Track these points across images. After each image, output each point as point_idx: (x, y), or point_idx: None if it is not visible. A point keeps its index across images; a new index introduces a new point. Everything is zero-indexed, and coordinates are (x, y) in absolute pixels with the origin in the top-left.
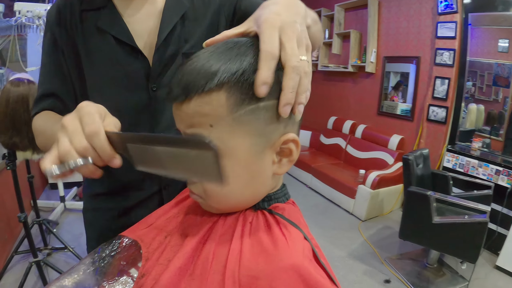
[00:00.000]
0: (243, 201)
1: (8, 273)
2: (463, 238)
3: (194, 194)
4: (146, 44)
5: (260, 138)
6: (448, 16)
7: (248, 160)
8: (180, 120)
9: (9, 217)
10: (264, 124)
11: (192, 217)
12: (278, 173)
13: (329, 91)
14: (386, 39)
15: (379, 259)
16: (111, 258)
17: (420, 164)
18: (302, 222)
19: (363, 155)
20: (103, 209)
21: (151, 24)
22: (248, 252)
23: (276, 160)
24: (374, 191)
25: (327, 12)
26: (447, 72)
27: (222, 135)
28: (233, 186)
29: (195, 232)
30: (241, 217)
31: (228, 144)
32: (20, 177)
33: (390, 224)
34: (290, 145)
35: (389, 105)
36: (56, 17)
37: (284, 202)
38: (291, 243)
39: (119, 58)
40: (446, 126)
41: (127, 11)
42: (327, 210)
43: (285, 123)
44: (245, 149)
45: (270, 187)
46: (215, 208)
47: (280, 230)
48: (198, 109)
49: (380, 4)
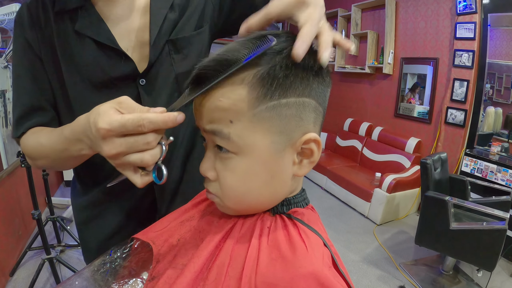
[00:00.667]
0: (262, 202)
1: (21, 268)
2: (481, 245)
3: (210, 194)
4: (132, 43)
5: (281, 136)
6: (467, 17)
7: (268, 158)
8: (200, 116)
9: (24, 213)
10: (285, 122)
11: (208, 221)
12: (298, 175)
13: (345, 92)
14: (404, 40)
15: (393, 264)
16: (122, 260)
17: (438, 168)
18: (322, 228)
19: (379, 157)
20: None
21: (136, 20)
22: (266, 258)
23: (297, 160)
24: (390, 194)
25: (343, 12)
26: (466, 74)
27: (242, 131)
28: (251, 184)
29: (211, 236)
30: (259, 221)
31: (248, 141)
32: (35, 173)
33: (406, 228)
34: (311, 145)
35: (406, 107)
36: (28, 20)
37: (303, 207)
38: (311, 249)
39: (102, 62)
40: (465, 129)
41: (107, 10)
42: (342, 213)
43: (306, 121)
44: (265, 147)
45: (289, 190)
46: (232, 209)
47: (299, 235)
48: (218, 103)
49: (397, 4)
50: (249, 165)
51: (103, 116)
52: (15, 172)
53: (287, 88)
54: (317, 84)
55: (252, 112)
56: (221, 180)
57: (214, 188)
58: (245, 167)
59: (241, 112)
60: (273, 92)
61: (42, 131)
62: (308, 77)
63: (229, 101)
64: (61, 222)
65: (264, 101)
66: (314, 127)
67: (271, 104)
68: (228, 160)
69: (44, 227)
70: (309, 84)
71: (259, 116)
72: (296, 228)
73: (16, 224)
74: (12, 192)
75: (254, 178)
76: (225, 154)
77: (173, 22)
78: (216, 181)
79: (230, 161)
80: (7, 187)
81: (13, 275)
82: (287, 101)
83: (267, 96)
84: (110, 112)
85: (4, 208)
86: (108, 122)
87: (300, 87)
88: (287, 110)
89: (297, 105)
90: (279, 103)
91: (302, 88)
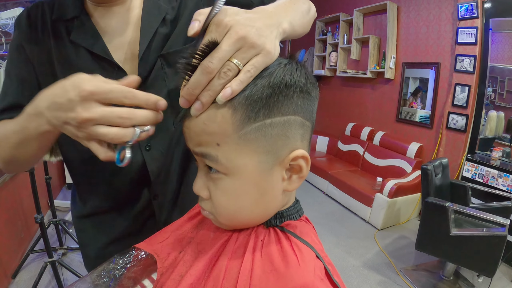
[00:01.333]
0: (254, 218)
1: (23, 271)
2: (481, 251)
3: (205, 211)
4: (126, 55)
5: (268, 155)
6: (468, 22)
7: (256, 177)
8: (189, 139)
9: (26, 215)
10: (271, 141)
11: (205, 233)
12: (289, 190)
13: (347, 97)
14: (405, 45)
15: (394, 269)
16: (125, 269)
17: (439, 173)
18: (315, 240)
19: (380, 162)
20: (95, 229)
21: (129, 33)
22: (259, 271)
23: (286, 176)
24: (391, 199)
25: (345, 17)
26: (468, 79)
27: (229, 153)
28: (242, 203)
29: (207, 249)
30: (253, 234)
31: (236, 163)
32: (38, 176)
33: (407, 233)
34: (299, 162)
35: (408, 112)
36: (25, 24)
37: (296, 219)
38: (302, 262)
39: (95, 72)
40: (466, 134)
41: (102, 21)
42: (343, 218)
43: (293, 139)
44: (253, 167)
45: (281, 204)
46: (225, 225)
47: (291, 248)
48: (204, 127)
49: (399, 9)
50: (239, 185)
51: (89, 80)
52: (18, 175)
53: (271, 108)
54: (302, 100)
55: (238, 134)
56: (213, 199)
57: (207, 206)
58: (235, 187)
59: (227, 134)
60: (257, 113)
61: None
62: (292, 95)
63: (214, 124)
64: (63, 225)
65: (248, 122)
66: (302, 143)
67: (256, 125)
68: (218, 180)
69: (46, 230)
70: (293, 102)
71: (245, 138)
72: (288, 241)
73: (19, 226)
74: (14, 195)
75: (244, 197)
76: (215, 175)
77: (164, 37)
78: (209, 199)
79: (221, 181)
80: (10, 190)
81: (15, 277)
82: (272, 121)
83: (251, 118)
84: (96, 78)
85: (7, 210)
86: (95, 84)
87: (284, 106)
88: (272, 130)
89: (283, 124)
90: (264, 124)
91: (286, 107)
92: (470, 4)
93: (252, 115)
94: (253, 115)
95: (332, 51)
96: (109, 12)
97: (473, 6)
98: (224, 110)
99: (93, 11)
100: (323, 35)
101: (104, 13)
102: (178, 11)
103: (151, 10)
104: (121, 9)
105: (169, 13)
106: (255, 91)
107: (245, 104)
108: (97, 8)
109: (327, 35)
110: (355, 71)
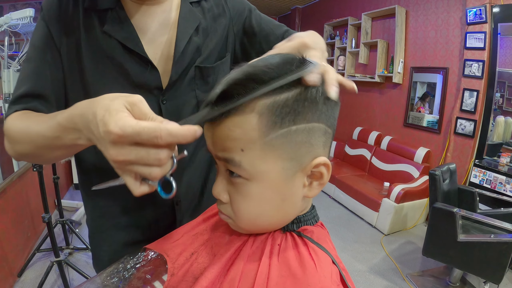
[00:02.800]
0: (273, 223)
1: (29, 269)
2: (488, 258)
3: (223, 215)
4: (158, 55)
5: (292, 162)
6: (477, 26)
7: (279, 183)
8: (212, 143)
9: (33, 215)
10: (296, 148)
11: (220, 235)
12: (309, 196)
13: (355, 101)
14: (414, 49)
15: (400, 275)
16: (135, 269)
17: (447, 179)
18: (330, 246)
19: (388, 167)
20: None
21: (166, 34)
22: (276, 276)
23: (307, 183)
24: (398, 205)
25: (354, 21)
26: (476, 84)
27: (253, 159)
28: (263, 208)
29: (223, 252)
30: (270, 238)
31: (259, 169)
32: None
33: (413, 239)
34: (321, 169)
35: (416, 116)
36: (56, 11)
37: (313, 225)
38: (320, 267)
39: (128, 67)
40: (474, 140)
41: (139, 18)
42: (349, 223)
43: (316, 146)
44: (276, 173)
45: (300, 209)
46: (244, 229)
47: (308, 253)
48: (229, 132)
49: (407, 13)
50: (260, 191)
51: (115, 117)
52: (26, 174)
53: (296, 115)
54: (326, 107)
55: (263, 140)
56: (234, 204)
57: (226, 210)
58: (257, 192)
59: (252, 140)
60: (283, 119)
61: (33, 114)
62: (318, 102)
63: (240, 130)
64: (70, 225)
65: (274, 129)
66: (324, 150)
67: (281, 132)
68: (240, 185)
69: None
70: (318, 109)
71: (270, 144)
72: (305, 246)
73: (25, 225)
74: (22, 194)
75: (265, 203)
76: (237, 179)
77: (196, 45)
78: (228, 203)
79: (242, 186)
80: (17, 189)
81: (21, 276)
82: (297, 128)
83: (277, 124)
84: (123, 114)
85: (14, 209)
86: (121, 126)
87: (309, 113)
88: (297, 136)
89: (307, 131)
90: (289, 131)
91: (311, 114)
92: (479, 8)
93: (278, 121)
94: (279, 121)
95: (340, 55)
96: (147, 10)
97: (482, 11)
98: (251, 116)
99: (130, 7)
100: (331, 39)
101: (142, 11)
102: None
103: (187, 15)
104: (159, 9)
105: (202, 23)
106: (282, 97)
107: (272, 110)
108: (134, 4)
109: (335, 39)
110: (363, 75)
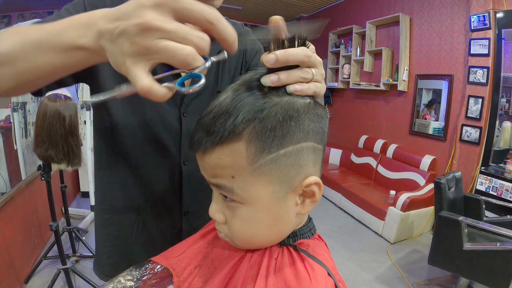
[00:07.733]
0: (269, 241)
1: (36, 276)
2: (494, 266)
3: (221, 233)
4: None
5: (282, 184)
6: (481, 33)
7: (271, 205)
8: (204, 170)
9: (40, 222)
10: (285, 171)
11: (219, 250)
12: (302, 213)
13: (360, 109)
14: (418, 57)
15: (406, 284)
16: (141, 281)
17: (452, 187)
18: (327, 257)
19: (394, 175)
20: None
21: None
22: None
23: (299, 201)
24: (405, 213)
25: (358, 29)
26: (481, 91)
27: (244, 185)
28: (257, 228)
29: (222, 265)
30: (267, 252)
31: (251, 193)
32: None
33: (419, 247)
34: (312, 188)
35: (421, 123)
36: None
37: (309, 238)
38: (314, 280)
39: None
40: (480, 147)
41: None
42: (355, 231)
43: (306, 166)
44: (268, 197)
45: (294, 225)
46: (241, 246)
47: (304, 267)
48: (219, 161)
49: (411, 21)
50: (253, 213)
51: None
52: (33, 182)
53: (283, 137)
54: (313, 124)
55: (252, 167)
56: (230, 225)
57: (224, 230)
58: (250, 215)
59: (241, 168)
60: (271, 144)
61: None
62: (302, 119)
63: (229, 158)
64: (77, 233)
65: (263, 155)
66: (314, 168)
67: (270, 157)
68: (234, 208)
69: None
70: (304, 128)
71: (259, 170)
72: (301, 260)
73: (32, 233)
74: (30, 202)
75: (260, 224)
76: (231, 203)
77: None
78: (225, 223)
79: (236, 209)
80: (25, 197)
81: (28, 282)
82: (285, 151)
83: (265, 150)
84: None
85: (22, 217)
86: None
87: (296, 134)
88: (286, 160)
89: (295, 153)
90: (277, 155)
91: (298, 133)
92: (482, 15)
93: (266, 146)
94: (267, 146)
95: (345, 63)
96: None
97: (485, 17)
98: (238, 144)
99: None
100: (336, 47)
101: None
102: None
103: None
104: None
105: None
106: (267, 122)
107: (259, 137)
108: None
109: (340, 47)
110: (368, 83)
